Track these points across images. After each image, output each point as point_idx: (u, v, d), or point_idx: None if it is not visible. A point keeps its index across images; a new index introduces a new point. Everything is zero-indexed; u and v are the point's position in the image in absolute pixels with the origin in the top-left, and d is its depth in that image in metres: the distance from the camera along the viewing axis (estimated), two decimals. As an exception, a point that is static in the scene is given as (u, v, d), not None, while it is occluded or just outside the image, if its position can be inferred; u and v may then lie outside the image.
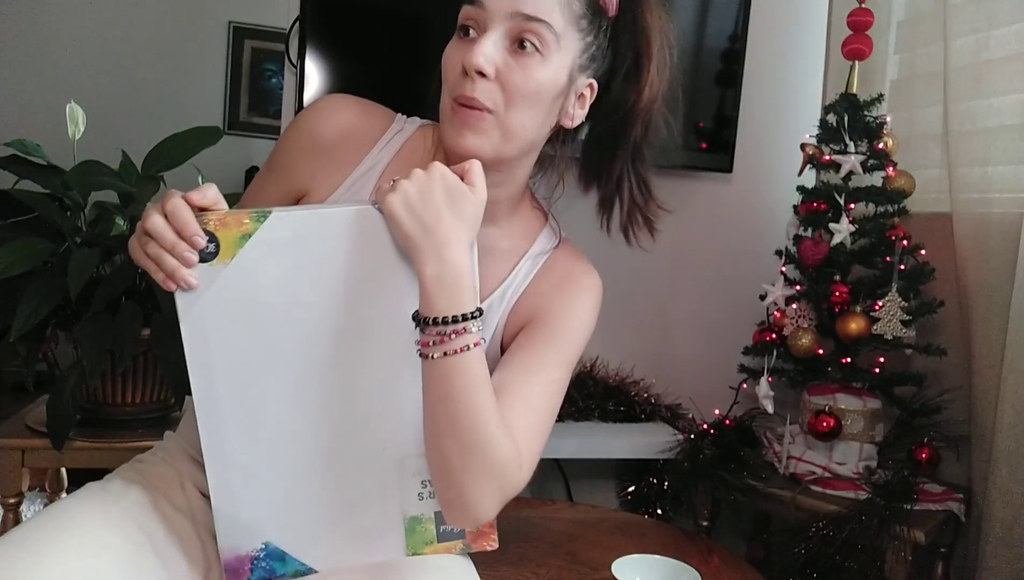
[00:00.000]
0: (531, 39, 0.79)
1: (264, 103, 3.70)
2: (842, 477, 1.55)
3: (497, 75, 0.79)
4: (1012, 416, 1.46)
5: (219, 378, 0.76)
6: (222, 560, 0.80)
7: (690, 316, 2.04)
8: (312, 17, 1.68)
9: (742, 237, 2.03)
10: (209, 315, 0.74)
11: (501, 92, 0.80)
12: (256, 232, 0.74)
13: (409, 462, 0.80)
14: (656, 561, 1.25)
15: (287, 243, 0.74)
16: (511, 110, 0.81)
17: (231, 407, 0.77)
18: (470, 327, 0.74)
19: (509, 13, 0.79)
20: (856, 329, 1.54)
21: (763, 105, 2.01)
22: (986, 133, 1.60)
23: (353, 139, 0.90)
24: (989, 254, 1.55)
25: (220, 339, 0.75)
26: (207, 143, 1.57)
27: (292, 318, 0.76)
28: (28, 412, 1.65)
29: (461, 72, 0.80)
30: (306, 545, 0.81)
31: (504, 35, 0.80)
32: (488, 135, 0.81)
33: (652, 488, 1.93)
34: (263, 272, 0.74)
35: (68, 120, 1.58)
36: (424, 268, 0.74)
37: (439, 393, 0.76)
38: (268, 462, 0.78)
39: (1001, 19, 1.58)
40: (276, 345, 0.76)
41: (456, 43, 0.83)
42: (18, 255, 1.36)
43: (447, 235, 0.74)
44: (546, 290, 0.91)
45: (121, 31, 3.42)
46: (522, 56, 0.80)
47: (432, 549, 0.82)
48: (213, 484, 0.78)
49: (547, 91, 0.82)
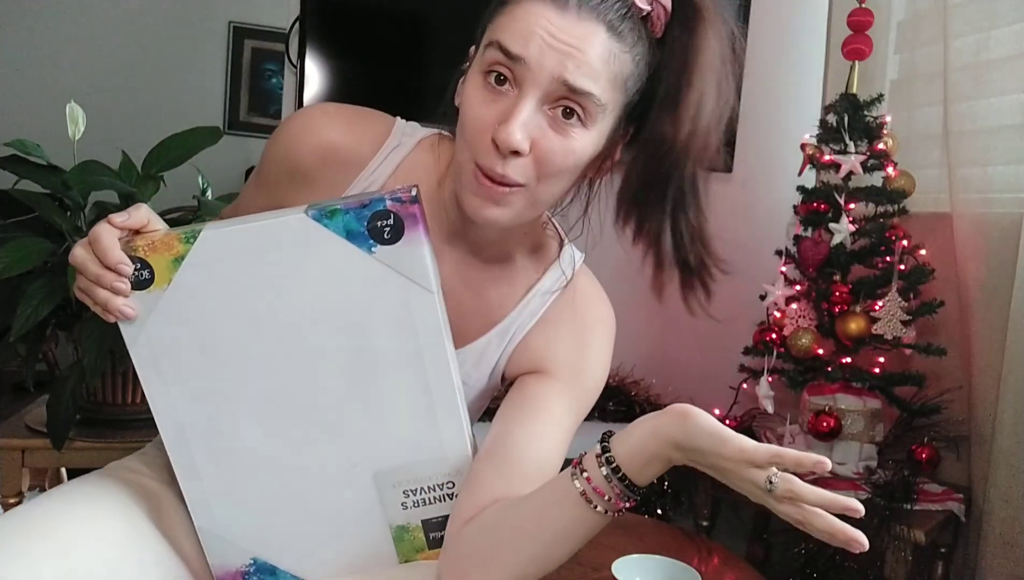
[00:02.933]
0: (576, 109, 0.69)
1: (264, 103, 3.70)
2: (842, 477, 1.55)
3: (531, 150, 0.69)
4: (1012, 416, 1.46)
5: (178, 403, 0.74)
6: (214, 576, 0.79)
7: (690, 316, 2.03)
8: (312, 17, 1.68)
9: (742, 237, 2.02)
10: (156, 342, 0.72)
11: (534, 166, 0.70)
12: (188, 254, 0.70)
13: (386, 475, 0.78)
14: (656, 561, 1.25)
15: (222, 261, 0.70)
16: (543, 184, 0.72)
17: (196, 431, 0.75)
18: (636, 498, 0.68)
19: (554, 78, 0.67)
20: (856, 329, 1.54)
21: (763, 105, 2.01)
22: (986, 133, 1.60)
23: (337, 163, 0.80)
24: (989, 254, 1.55)
25: (171, 365, 0.73)
26: (207, 143, 1.57)
27: (241, 337, 0.73)
28: (28, 412, 1.65)
29: (491, 143, 0.69)
30: (295, 558, 0.80)
31: (543, 100, 0.69)
32: (513, 208, 0.73)
33: (652, 488, 1.93)
34: (203, 294, 0.71)
35: (68, 120, 1.58)
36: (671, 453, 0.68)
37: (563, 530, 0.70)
38: (242, 481, 0.77)
39: (1001, 19, 1.58)
40: (229, 366, 0.74)
41: (484, 94, 0.71)
42: (18, 255, 1.36)
43: None
44: (556, 335, 0.84)
45: (121, 31, 3.42)
46: (563, 127, 0.70)
47: (425, 556, 0.81)
48: (192, 505, 0.77)
49: (584, 161, 0.73)
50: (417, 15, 1.71)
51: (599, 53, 0.68)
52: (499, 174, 0.70)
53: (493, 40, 0.69)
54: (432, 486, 0.79)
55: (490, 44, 0.70)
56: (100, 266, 0.69)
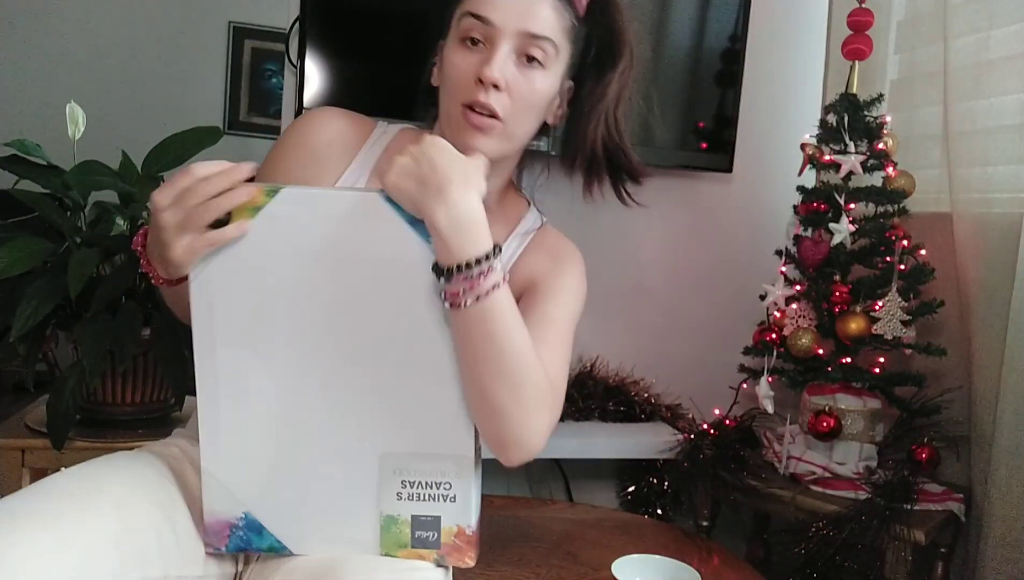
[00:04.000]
0: (537, 54, 0.89)
1: (264, 103, 3.70)
2: (842, 477, 1.55)
3: (506, 86, 0.88)
4: (1012, 416, 1.46)
5: (218, 344, 0.77)
6: (204, 521, 0.81)
7: (690, 316, 2.04)
8: (312, 17, 1.68)
9: (742, 237, 2.03)
10: (216, 281, 0.76)
11: (510, 102, 0.89)
12: (267, 205, 0.75)
13: (390, 459, 0.80)
14: (656, 561, 1.25)
15: (294, 219, 0.76)
16: (517, 117, 0.90)
17: (226, 373, 0.78)
18: (495, 265, 0.75)
19: (517, 31, 0.87)
20: (856, 329, 1.54)
21: (763, 105, 2.01)
22: (986, 133, 1.60)
23: (340, 145, 0.97)
24: (989, 254, 1.55)
25: (222, 306, 0.77)
26: (207, 143, 1.57)
27: (293, 295, 0.77)
28: (28, 412, 1.65)
29: (475, 81, 0.88)
30: (283, 522, 0.81)
31: (512, 50, 0.88)
32: (496, 139, 0.90)
33: (652, 488, 1.93)
34: (270, 246, 0.76)
35: (68, 120, 1.58)
36: (435, 218, 0.73)
37: (480, 336, 0.76)
38: (256, 433, 0.79)
39: (1001, 19, 1.58)
40: (275, 320, 0.77)
41: (463, 52, 0.90)
42: (18, 255, 1.36)
43: (447, 178, 0.74)
44: (538, 262, 0.98)
45: (121, 31, 3.42)
46: (528, 69, 0.89)
47: (405, 553, 0.82)
48: (204, 446, 0.80)
49: (545, 99, 0.93)
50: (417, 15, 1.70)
51: (549, 9, 0.89)
52: (485, 104, 0.87)
53: (465, 11, 0.89)
54: (430, 482, 0.80)
55: (463, 15, 0.89)
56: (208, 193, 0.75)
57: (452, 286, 0.74)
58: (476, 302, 0.74)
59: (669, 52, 1.89)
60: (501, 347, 0.77)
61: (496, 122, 0.89)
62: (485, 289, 0.74)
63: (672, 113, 1.92)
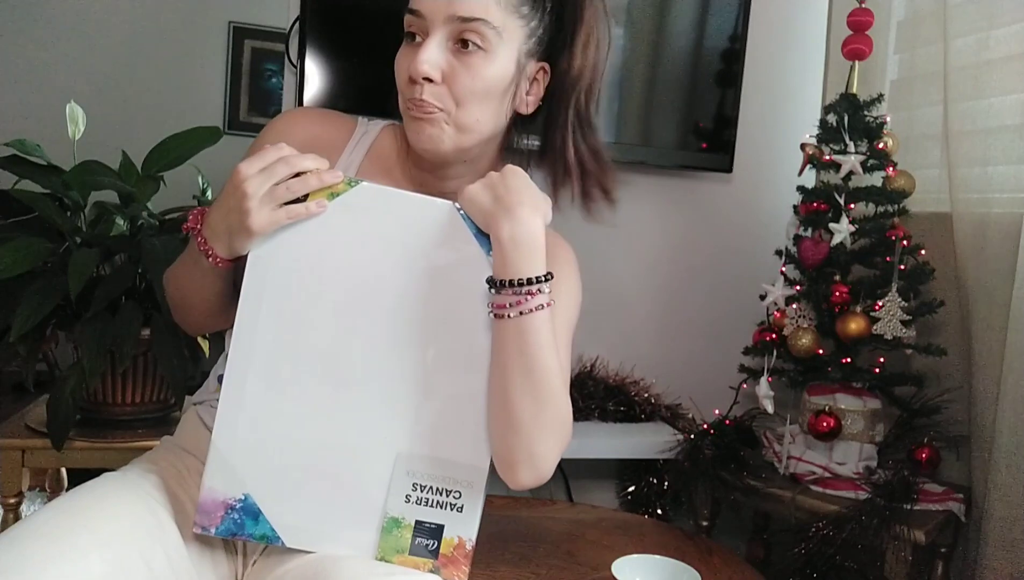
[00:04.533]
0: (471, 38, 0.83)
1: (264, 103, 3.69)
2: (842, 477, 1.55)
3: (444, 77, 0.84)
4: (1012, 416, 1.47)
5: (261, 322, 0.78)
6: (200, 498, 0.80)
7: (690, 316, 2.04)
8: (312, 17, 1.68)
9: (742, 237, 2.03)
10: (275, 259, 0.78)
11: (449, 93, 0.85)
12: (345, 193, 0.78)
13: (406, 459, 0.80)
14: (656, 561, 1.25)
15: (369, 213, 0.78)
16: (462, 108, 0.85)
17: (262, 353, 0.79)
18: (543, 288, 0.78)
19: (446, 17, 0.83)
20: (856, 329, 1.54)
21: (763, 105, 2.01)
22: (986, 133, 1.60)
23: (320, 148, 0.92)
24: (989, 254, 1.55)
25: (275, 286, 0.78)
26: (207, 143, 1.57)
27: (347, 284, 0.79)
28: (28, 412, 1.65)
29: (409, 79, 0.85)
30: (283, 511, 0.80)
31: (446, 37, 0.84)
32: (443, 129, 0.86)
33: (652, 488, 1.93)
34: (338, 236, 0.78)
35: (68, 120, 1.58)
36: (500, 231, 0.77)
37: (515, 349, 0.78)
38: (276, 417, 0.79)
39: (1001, 19, 1.58)
40: (323, 306, 0.79)
41: (404, 50, 0.88)
42: (18, 255, 1.36)
43: (519, 200, 0.78)
44: None
45: (121, 31, 3.42)
46: (466, 56, 0.84)
47: (401, 559, 0.81)
48: (219, 419, 0.79)
49: (496, 84, 0.86)
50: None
51: None
52: (418, 101, 0.84)
53: (406, 9, 0.86)
54: (440, 489, 0.80)
55: (406, 13, 0.86)
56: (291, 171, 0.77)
57: (500, 298, 0.78)
58: (518, 316, 0.78)
59: (669, 52, 1.89)
60: (532, 365, 0.78)
61: (436, 115, 0.85)
62: (529, 307, 0.78)
63: (672, 113, 1.92)
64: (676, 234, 2.03)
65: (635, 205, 1.97)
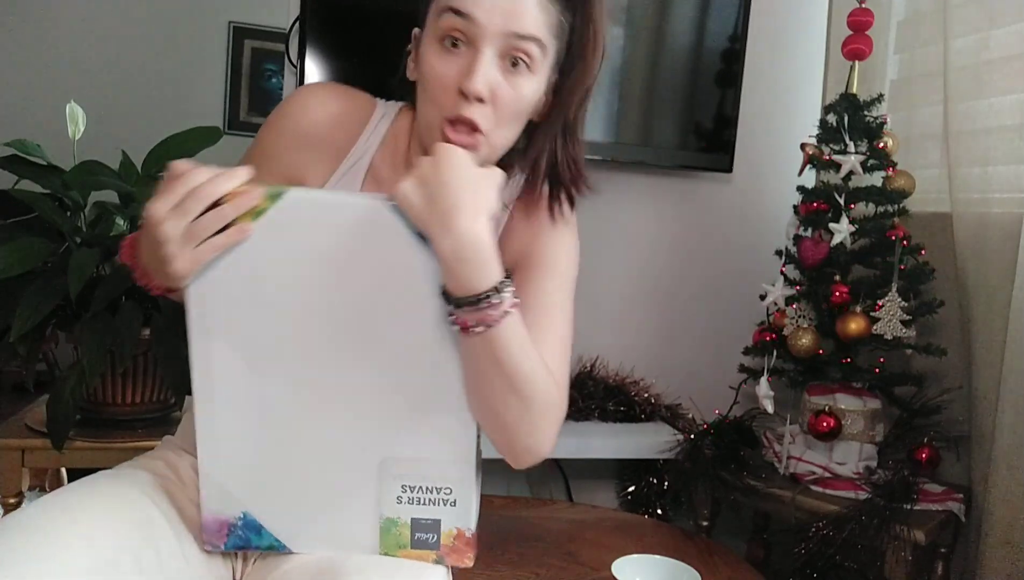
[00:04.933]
0: (523, 57, 0.79)
1: (264, 103, 3.70)
2: (842, 477, 1.55)
3: (491, 97, 0.79)
4: (1012, 416, 1.46)
5: (215, 349, 0.76)
6: (202, 519, 0.81)
7: (690, 316, 2.04)
8: (312, 17, 1.68)
9: (742, 237, 2.03)
10: (213, 287, 0.74)
11: (494, 113, 0.80)
12: (270, 210, 0.72)
13: (390, 464, 0.80)
14: (656, 561, 1.25)
15: (298, 225, 0.73)
16: (500, 129, 0.82)
17: (223, 378, 0.77)
18: (504, 295, 0.73)
19: (503, 32, 0.78)
20: (856, 329, 1.54)
21: (763, 105, 2.01)
22: (986, 133, 1.60)
23: (342, 127, 0.90)
24: (989, 254, 1.55)
25: (221, 312, 0.75)
26: (207, 143, 1.57)
27: (294, 301, 0.75)
28: (28, 412, 1.65)
29: (457, 93, 0.79)
30: (283, 524, 0.81)
31: (497, 53, 0.79)
32: (479, 155, 0.81)
33: (652, 488, 1.93)
34: (270, 252, 0.73)
35: (68, 120, 1.58)
36: (440, 246, 0.71)
37: (488, 362, 0.75)
38: (254, 436, 0.79)
39: (1001, 19, 1.58)
40: (273, 325, 0.76)
41: (442, 56, 0.80)
42: (18, 255, 1.36)
43: (456, 205, 0.70)
44: (524, 227, 0.91)
45: (121, 31, 3.42)
46: (513, 76, 0.80)
47: (405, 554, 0.82)
48: (201, 447, 0.79)
49: (531, 105, 0.84)
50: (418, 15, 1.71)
51: (535, 6, 0.79)
52: (469, 120, 0.79)
53: (446, 7, 0.79)
54: (430, 487, 0.80)
55: (444, 11, 0.79)
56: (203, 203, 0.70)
57: (461, 315, 0.73)
58: (486, 330, 0.73)
59: (669, 52, 1.89)
60: (510, 371, 0.75)
61: (478, 138, 0.80)
62: (492, 320, 0.73)
63: (672, 113, 1.92)
64: (676, 234, 2.03)
65: (635, 205, 1.97)
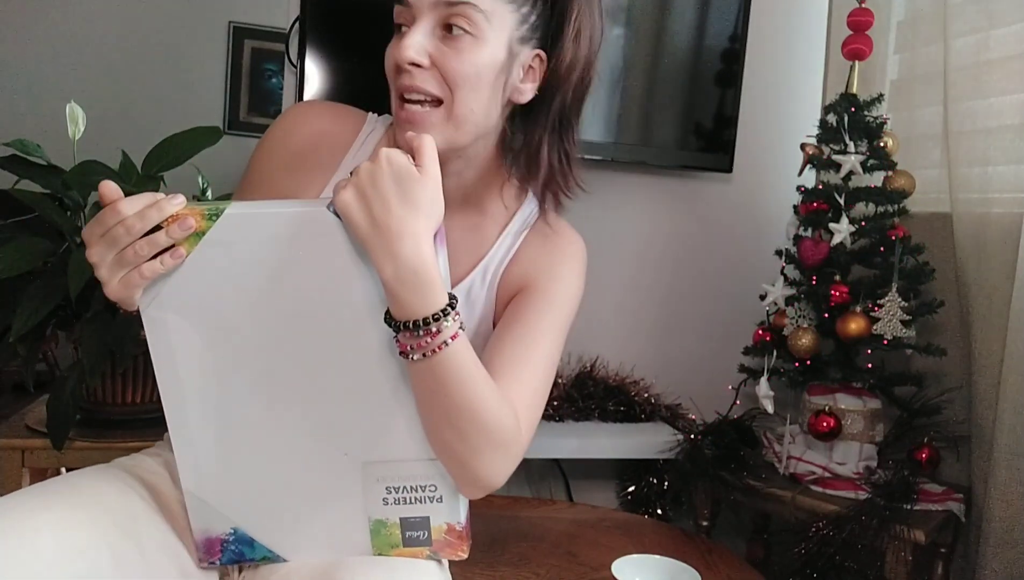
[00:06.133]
0: (458, 22, 0.80)
1: (264, 103, 3.70)
2: (842, 477, 1.56)
3: (433, 63, 0.81)
4: (1012, 416, 1.46)
5: (180, 371, 0.75)
6: (194, 539, 0.81)
7: (690, 316, 2.04)
8: (312, 17, 1.68)
9: (742, 237, 2.03)
10: (165, 310, 0.73)
11: (441, 79, 0.82)
12: (209, 231, 0.71)
13: (373, 468, 0.79)
14: (656, 561, 1.25)
15: (240, 242, 0.71)
16: (456, 98, 0.82)
17: (195, 401, 0.76)
18: (444, 324, 0.71)
19: (431, 3, 0.81)
20: (856, 329, 1.54)
21: (763, 105, 2.01)
22: (986, 133, 1.60)
23: (327, 145, 0.91)
24: (989, 254, 1.55)
25: (180, 335, 0.74)
26: (207, 143, 1.57)
27: (248, 317, 0.74)
28: (28, 412, 1.65)
29: (396, 68, 0.82)
30: (274, 534, 0.81)
31: (433, 25, 0.81)
32: (437, 128, 0.82)
33: (652, 488, 1.93)
34: (217, 271, 0.72)
35: (68, 120, 1.58)
36: (383, 270, 0.70)
37: (428, 388, 0.74)
38: (233, 453, 0.78)
39: (1001, 19, 1.58)
40: (234, 343, 0.75)
41: (392, 43, 0.85)
42: (18, 255, 1.36)
43: (399, 229, 0.69)
44: (532, 258, 0.92)
45: (121, 31, 3.42)
46: (453, 41, 0.81)
47: (398, 552, 0.82)
48: (182, 469, 0.79)
49: (487, 70, 0.83)
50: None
51: None
52: (409, 86, 0.81)
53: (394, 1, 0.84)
54: (415, 486, 0.80)
55: (394, 6, 0.84)
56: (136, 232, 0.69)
57: (401, 338, 0.72)
58: (424, 358, 0.71)
59: (669, 52, 1.89)
60: (449, 401, 0.74)
61: (430, 110, 0.82)
62: (433, 347, 0.71)
63: (672, 113, 1.92)
64: (676, 234, 2.03)
65: (635, 205, 1.97)
